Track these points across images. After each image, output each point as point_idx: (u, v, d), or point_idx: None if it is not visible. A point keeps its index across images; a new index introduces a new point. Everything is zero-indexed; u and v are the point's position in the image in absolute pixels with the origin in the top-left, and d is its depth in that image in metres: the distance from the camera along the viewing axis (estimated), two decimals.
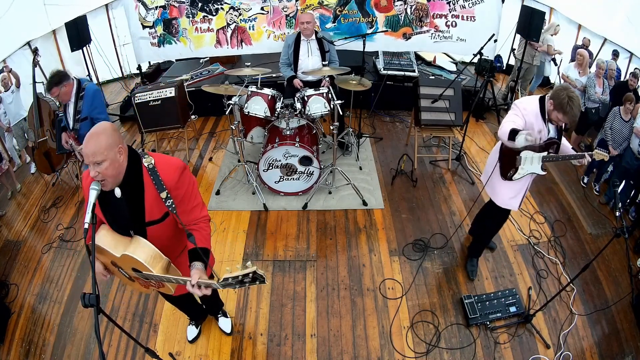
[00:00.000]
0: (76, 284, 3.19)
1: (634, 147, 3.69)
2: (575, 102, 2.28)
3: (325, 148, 4.51)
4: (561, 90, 2.34)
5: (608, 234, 3.60)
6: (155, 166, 1.66)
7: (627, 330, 2.83)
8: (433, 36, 4.92)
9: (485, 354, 2.65)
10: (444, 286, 3.09)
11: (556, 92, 2.36)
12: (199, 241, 1.71)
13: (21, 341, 2.83)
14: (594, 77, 4.36)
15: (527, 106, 2.49)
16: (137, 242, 1.71)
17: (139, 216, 1.70)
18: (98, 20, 6.06)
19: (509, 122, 2.48)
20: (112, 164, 1.56)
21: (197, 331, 2.74)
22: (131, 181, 1.65)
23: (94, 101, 2.98)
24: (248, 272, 1.42)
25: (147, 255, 1.68)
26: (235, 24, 4.92)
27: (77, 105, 2.93)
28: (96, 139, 1.54)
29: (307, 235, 3.53)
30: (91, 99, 2.97)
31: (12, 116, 4.44)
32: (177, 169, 1.71)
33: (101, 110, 3.03)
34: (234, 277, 1.45)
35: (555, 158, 2.56)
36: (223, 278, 1.47)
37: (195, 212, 1.80)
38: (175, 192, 1.70)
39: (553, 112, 2.40)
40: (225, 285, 1.50)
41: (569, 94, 2.29)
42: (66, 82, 2.91)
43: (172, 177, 1.68)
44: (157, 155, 1.73)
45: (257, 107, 3.65)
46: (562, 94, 2.31)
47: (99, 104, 3.01)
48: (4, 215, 4.02)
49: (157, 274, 1.69)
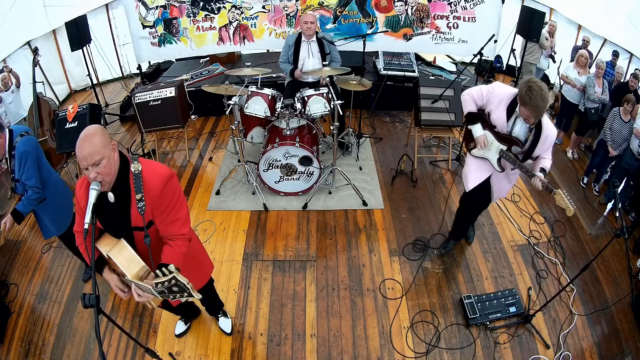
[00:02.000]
0: (76, 284, 3.18)
1: (633, 147, 3.69)
2: (535, 91, 2.18)
3: (325, 148, 4.51)
4: (522, 83, 2.27)
5: (608, 234, 3.61)
6: (141, 172, 1.66)
7: (626, 331, 2.84)
8: (434, 37, 4.92)
9: (485, 354, 2.65)
10: (444, 286, 3.09)
11: (519, 87, 2.31)
12: (169, 256, 1.71)
13: (21, 341, 2.83)
14: (594, 77, 4.36)
15: (497, 88, 2.49)
16: (119, 245, 1.73)
17: (127, 221, 1.71)
18: (98, 20, 6.06)
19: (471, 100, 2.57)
20: (109, 161, 1.59)
21: (186, 327, 2.76)
22: (121, 185, 1.67)
23: (21, 164, 2.43)
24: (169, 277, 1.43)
25: (124, 259, 1.68)
26: (237, 22, 4.95)
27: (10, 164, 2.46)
28: (90, 140, 1.55)
29: (307, 235, 3.53)
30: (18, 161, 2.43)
31: (12, 116, 4.44)
32: (163, 177, 1.68)
33: (29, 175, 2.44)
34: (161, 283, 1.45)
35: (511, 159, 2.50)
36: (155, 283, 1.47)
37: (175, 227, 1.76)
38: (159, 202, 1.68)
39: (519, 107, 2.35)
40: (160, 292, 1.50)
41: (528, 84, 2.21)
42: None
43: (156, 186, 1.67)
44: (147, 162, 1.72)
45: (257, 107, 3.65)
46: (522, 86, 2.25)
47: (27, 168, 2.43)
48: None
49: (129, 280, 1.68)
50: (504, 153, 2.53)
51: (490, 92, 2.51)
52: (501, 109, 2.47)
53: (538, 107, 2.20)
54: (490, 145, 2.60)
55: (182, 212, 1.79)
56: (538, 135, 2.41)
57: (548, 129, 2.40)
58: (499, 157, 2.59)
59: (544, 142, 2.42)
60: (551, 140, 2.44)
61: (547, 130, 2.40)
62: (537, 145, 2.44)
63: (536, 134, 2.41)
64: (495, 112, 2.51)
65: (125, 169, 1.68)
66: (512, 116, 2.46)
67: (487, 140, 2.59)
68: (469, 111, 2.60)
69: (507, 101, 2.44)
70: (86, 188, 1.65)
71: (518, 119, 2.44)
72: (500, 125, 2.51)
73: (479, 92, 2.56)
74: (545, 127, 2.39)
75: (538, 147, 2.45)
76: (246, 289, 3.07)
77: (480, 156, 2.73)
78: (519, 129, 2.47)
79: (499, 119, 2.50)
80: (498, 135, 2.54)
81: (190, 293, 1.46)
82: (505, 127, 2.49)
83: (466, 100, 2.61)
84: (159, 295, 1.53)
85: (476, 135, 2.62)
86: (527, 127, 2.45)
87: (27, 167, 2.44)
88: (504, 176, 2.76)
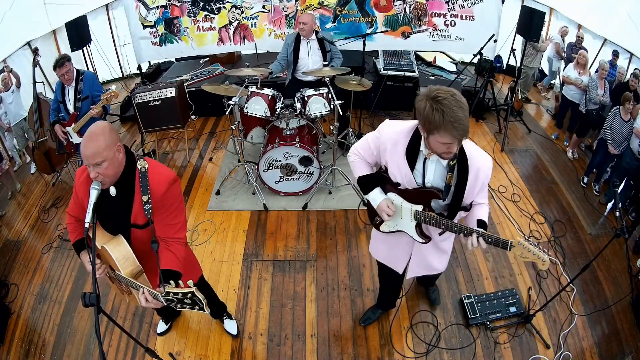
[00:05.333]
0: (76, 284, 3.19)
1: (633, 147, 3.69)
2: (445, 100, 1.43)
3: (326, 148, 4.51)
4: (418, 102, 1.53)
5: (608, 234, 3.60)
6: (147, 171, 1.67)
7: (626, 331, 2.83)
8: (431, 35, 4.94)
9: (485, 354, 2.65)
10: (444, 286, 3.09)
11: (417, 109, 1.54)
12: (170, 261, 1.71)
13: (21, 341, 2.83)
14: (597, 78, 4.36)
15: (385, 130, 1.79)
16: (117, 241, 1.73)
17: (126, 217, 1.71)
18: (98, 20, 6.07)
19: (358, 159, 1.92)
20: (112, 163, 1.57)
21: (167, 327, 2.78)
22: (125, 181, 1.66)
23: (93, 81, 3.57)
24: (187, 291, 1.42)
25: (121, 255, 1.69)
26: (237, 22, 4.96)
27: (77, 87, 3.47)
28: (95, 140, 1.53)
29: (307, 236, 3.53)
30: (92, 79, 3.57)
31: (13, 116, 4.44)
32: (168, 180, 1.70)
33: (100, 89, 3.57)
34: (175, 293, 1.45)
35: (432, 220, 1.78)
36: (165, 292, 1.47)
37: (173, 230, 1.77)
38: (161, 203, 1.69)
39: (430, 139, 1.55)
40: (168, 300, 1.49)
41: (430, 96, 1.47)
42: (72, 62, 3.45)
43: (161, 187, 1.68)
44: (153, 162, 1.73)
45: (257, 107, 3.65)
46: (421, 105, 1.50)
47: (97, 83, 3.63)
48: (4, 215, 4.02)
49: (123, 276, 1.69)
50: (421, 215, 1.81)
51: (378, 138, 1.81)
52: (399, 155, 1.73)
53: (459, 119, 1.43)
54: (400, 210, 1.87)
55: (181, 217, 1.80)
56: (465, 173, 1.67)
57: (477, 160, 1.67)
58: (417, 223, 1.87)
59: (474, 180, 1.68)
60: (486, 175, 1.70)
61: (477, 162, 1.67)
62: (465, 188, 1.69)
63: (461, 173, 1.67)
64: (392, 161, 1.77)
65: (132, 166, 1.67)
66: (418, 161, 1.72)
67: (392, 205, 1.85)
68: (359, 175, 1.92)
69: (404, 142, 1.71)
70: (86, 179, 1.66)
71: (428, 162, 1.70)
72: (405, 178, 1.77)
73: (366, 144, 1.88)
74: (472, 158, 1.66)
75: (468, 191, 1.71)
76: (246, 289, 3.07)
77: (392, 230, 2.00)
78: (432, 175, 1.74)
79: (400, 169, 1.76)
80: (407, 194, 1.81)
81: (202, 308, 1.45)
82: (412, 179, 1.76)
83: (352, 162, 1.94)
84: (166, 302, 1.51)
85: (375, 203, 1.88)
86: (443, 168, 1.71)
87: (97, 83, 3.65)
88: (432, 247, 2.02)
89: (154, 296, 1.56)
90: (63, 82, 3.45)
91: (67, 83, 3.45)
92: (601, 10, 5.24)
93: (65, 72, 3.37)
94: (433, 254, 2.08)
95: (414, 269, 2.18)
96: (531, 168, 4.47)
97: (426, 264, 2.13)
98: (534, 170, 4.43)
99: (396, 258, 2.20)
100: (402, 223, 1.93)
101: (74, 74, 3.45)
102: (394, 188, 1.85)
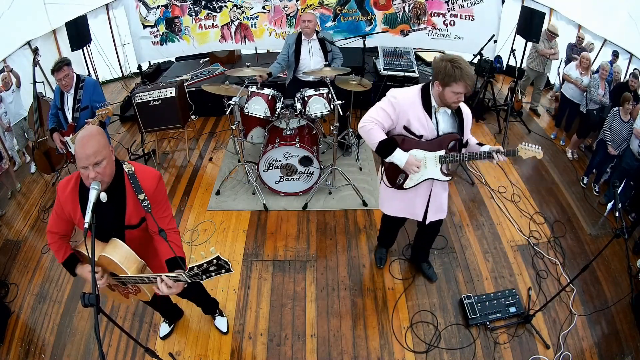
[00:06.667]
0: (76, 284, 3.18)
1: (633, 147, 3.69)
2: (460, 61, 1.93)
3: (326, 148, 4.51)
4: (439, 63, 1.99)
5: (608, 234, 3.61)
6: (134, 172, 1.74)
7: (626, 331, 2.84)
8: (430, 33, 4.96)
9: (485, 354, 2.65)
10: (444, 286, 3.09)
11: (436, 69, 2.01)
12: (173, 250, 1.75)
13: (21, 341, 2.83)
14: (598, 78, 4.36)
15: (399, 95, 2.12)
16: (114, 244, 1.76)
17: (119, 220, 1.76)
18: (98, 20, 6.07)
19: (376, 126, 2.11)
20: (109, 162, 1.65)
21: (170, 329, 2.77)
22: (115, 186, 1.71)
23: (95, 90, 3.27)
24: (211, 258, 1.41)
25: (122, 257, 1.73)
26: (238, 21, 4.97)
27: (76, 96, 3.17)
28: (94, 139, 1.60)
29: (307, 236, 3.53)
30: (92, 88, 3.25)
31: (13, 116, 4.44)
32: (155, 177, 1.80)
33: (102, 98, 3.27)
34: (198, 266, 1.44)
35: (456, 158, 2.16)
36: (189, 268, 1.47)
37: (165, 222, 1.85)
38: (153, 199, 1.76)
39: (445, 91, 2.00)
40: (192, 276, 1.49)
41: (447, 59, 1.96)
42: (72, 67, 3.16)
43: (150, 184, 1.76)
44: (136, 164, 1.81)
45: (257, 107, 3.65)
46: (441, 64, 1.96)
47: (99, 92, 3.31)
48: (3, 214, 4.02)
49: (133, 275, 1.72)
50: (445, 157, 2.16)
51: (395, 102, 2.11)
52: (419, 110, 2.11)
53: (470, 74, 1.95)
54: (425, 161, 2.18)
55: (169, 210, 1.91)
56: (461, 117, 2.19)
57: (464, 107, 2.21)
58: (441, 165, 2.21)
59: (467, 121, 2.22)
60: (470, 117, 2.25)
61: (465, 109, 2.21)
62: (464, 128, 2.18)
63: (459, 117, 2.19)
64: (413, 117, 2.12)
65: (119, 170, 1.74)
66: (432, 114, 2.13)
67: (417, 159, 2.16)
68: (379, 140, 2.11)
69: (418, 101, 2.11)
70: (72, 190, 1.70)
71: (437, 114, 2.13)
72: (428, 129, 2.13)
73: (382, 111, 2.13)
74: (462, 106, 2.20)
75: (465, 130, 2.19)
76: (246, 289, 3.07)
77: (417, 183, 2.29)
78: (444, 124, 2.17)
79: (421, 122, 2.12)
80: (428, 145, 2.16)
81: (229, 269, 1.45)
82: (434, 128, 2.14)
83: (370, 130, 2.11)
84: (190, 279, 1.51)
85: (402, 162, 2.14)
86: (449, 116, 2.18)
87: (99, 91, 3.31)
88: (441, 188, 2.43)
89: (175, 279, 1.60)
90: (61, 87, 3.17)
91: (65, 89, 3.17)
92: (601, 10, 5.25)
93: (63, 77, 3.09)
94: (443, 193, 2.49)
95: (432, 215, 2.54)
96: (531, 168, 4.47)
97: (439, 206, 2.51)
98: (533, 171, 4.43)
99: (414, 208, 2.50)
100: (427, 172, 2.23)
101: (74, 79, 3.18)
102: (415, 144, 2.16)
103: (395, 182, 2.29)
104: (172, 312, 2.76)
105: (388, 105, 2.12)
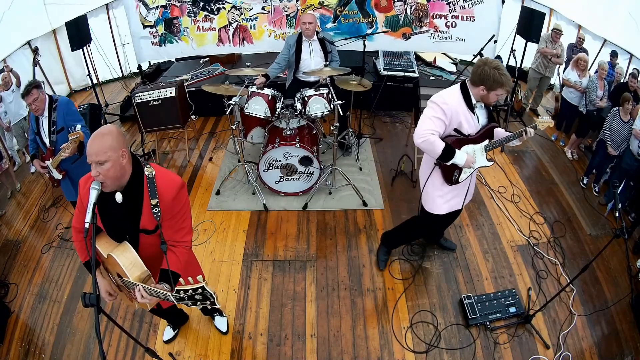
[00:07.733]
0: (76, 283, 3.19)
1: (633, 148, 3.69)
2: (503, 68, 2.14)
3: (326, 148, 4.51)
4: (481, 69, 2.16)
5: (608, 234, 3.61)
6: (155, 177, 1.69)
7: (626, 331, 2.84)
8: (432, 36, 4.94)
9: (485, 354, 2.65)
10: (444, 286, 3.09)
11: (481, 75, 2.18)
12: (171, 263, 1.72)
13: (20, 341, 2.83)
14: (596, 79, 4.36)
15: (448, 99, 2.27)
16: (123, 247, 1.74)
17: (134, 223, 1.72)
18: (98, 20, 6.07)
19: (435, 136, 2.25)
20: (114, 166, 1.58)
21: (174, 333, 2.75)
22: (133, 188, 1.68)
23: (68, 109, 2.97)
24: (197, 287, 1.43)
25: (128, 262, 1.70)
26: (237, 23, 4.95)
27: (51, 118, 2.92)
28: (101, 138, 1.56)
29: (307, 236, 3.53)
30: (65, 107, 2.96)
31: (13, 115, 4.44)
32: (176, 185, 1.73)
33: (77, 117, 2.99)
34: (185, 291, 1.45)
35: (497, 143, 2.41)
36: (175, 290, 1.48)
37: (180, 234, 1.81)
38: (170, 208, 1.71)
39: (490, 94, 2.22)
40: (178, 298, 1.50)
41: (492, 65, 2.14)
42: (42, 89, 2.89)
43: (170, 192, 1.71)
44: (159, 168, 1.75)
45: (257, 108, 3.65)
46: (487, 71, 2.14)
47: (73, 111, 3.01)
48: (3, 214, 4.02)
49: (129, 280, 1.70)
50: (489, 146, 2.42)
51: (446, 106, 2.27)
52: (465, 111, 2.31)
53: (510, 80, 2.19)
54: (474, 154, 2.42)
55: (188, 222, 1.84)
56: (490, 109, 2.46)
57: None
58: (486, 153, 2.46)
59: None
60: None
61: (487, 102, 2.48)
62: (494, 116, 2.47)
63: (488, 109, 2.46)
64: (463, 119, 2.32)
65: (139, 173, 1.69)
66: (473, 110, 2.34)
67: (470, 154, 2.40)
68: (442, 147, 2.26)
69: (462, 102, 2.30)
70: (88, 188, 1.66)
71: (476, 110, 2.34)
72: (474, 126, 2.36)
73: (438, 120, 2.29)
74: None
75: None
76: (246, 289, 3.07)
77: (469, 175, 2.54)
78: (481, 117, 2.40)
79: (469, 122, 2.33)
80: (475, 140, 2.39)
81: (213, 302, 1.46)
82: (478, 125, 2.38)
83: (434, 142, 2.25)
84: (177, 301, 1.53)
85: (463, 161, 2.34)
86: (483, 110, 2.41)
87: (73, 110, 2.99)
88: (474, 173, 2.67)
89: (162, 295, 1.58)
90: (32, 112, 2.90)
91: (36, 113, 2.89)
92: (601, 10, 5.25)
93: (32, 101, 2.79)
94: (474, 178, 2.71)
95: (467, 199, 2.75)
96: (531, 169, 4.47)
97: (472, 190, 2.75)
98: (533, 171, 4.43)
99: (458, 198, 2.67)
100: (478, 162, 2.45)
101: (45, 102, 2.88)
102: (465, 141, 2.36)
103: (451, 180, 2.51)
104: (178, 317, 2.74)
105: (441, 113, 2.27)
